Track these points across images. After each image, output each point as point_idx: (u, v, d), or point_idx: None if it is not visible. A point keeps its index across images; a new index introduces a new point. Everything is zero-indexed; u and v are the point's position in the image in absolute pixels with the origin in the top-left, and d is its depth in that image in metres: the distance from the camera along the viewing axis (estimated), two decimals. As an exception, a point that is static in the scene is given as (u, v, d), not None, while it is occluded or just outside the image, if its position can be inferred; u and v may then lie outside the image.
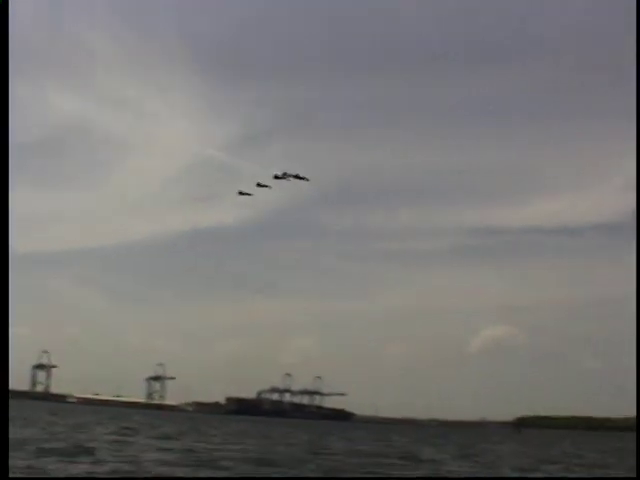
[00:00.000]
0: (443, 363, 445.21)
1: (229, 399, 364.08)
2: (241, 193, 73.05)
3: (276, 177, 69.98)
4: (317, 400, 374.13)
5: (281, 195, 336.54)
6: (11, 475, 25.25)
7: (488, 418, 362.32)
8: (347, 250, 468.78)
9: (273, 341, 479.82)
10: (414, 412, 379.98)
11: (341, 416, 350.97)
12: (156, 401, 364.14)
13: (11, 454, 31.81)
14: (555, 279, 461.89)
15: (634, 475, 43.84)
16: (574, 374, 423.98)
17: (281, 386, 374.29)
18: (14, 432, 60.73)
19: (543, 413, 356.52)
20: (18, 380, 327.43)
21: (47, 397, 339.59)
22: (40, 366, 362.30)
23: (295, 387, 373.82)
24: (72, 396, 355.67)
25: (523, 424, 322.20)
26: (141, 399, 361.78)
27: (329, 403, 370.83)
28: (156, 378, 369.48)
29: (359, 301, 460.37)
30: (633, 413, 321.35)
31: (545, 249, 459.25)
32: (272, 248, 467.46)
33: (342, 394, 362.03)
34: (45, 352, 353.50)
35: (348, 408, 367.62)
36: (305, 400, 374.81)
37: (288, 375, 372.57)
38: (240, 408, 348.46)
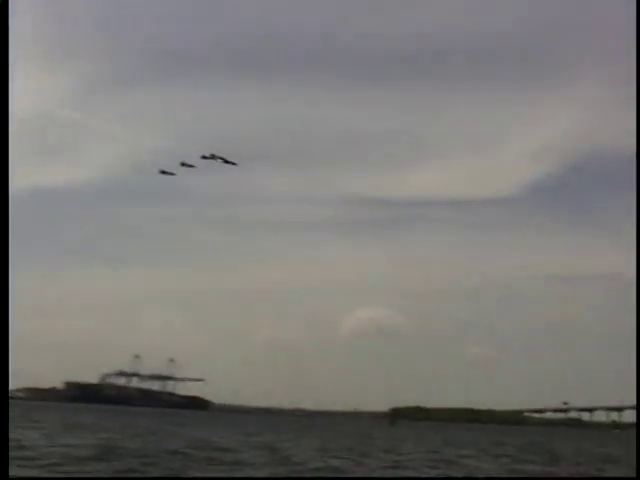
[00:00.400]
0: (315, 346, 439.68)
1: (68, 384, 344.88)
2: (163, 172, 71.78)
3: (203, 157, 69.01)
4: (170, 386, 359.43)
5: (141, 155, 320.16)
6: (11, 475, 26.02)
7: (361, 408, 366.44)
8: (215, 218, 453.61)
9: (122, 319, 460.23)
10: (280, 401, 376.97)
11: (196, 404, 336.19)
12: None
13: None
14: (443, 258, 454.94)
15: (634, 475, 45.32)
16: (459, 363, 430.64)
17: (129, 370, 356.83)
18: None
19: (422, 404, 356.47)
20: None
21: None
22: None
23: (145, 371, 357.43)
24: None
25: (399, 415, 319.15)
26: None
27: (183, 390, 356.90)
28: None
29: (224, 275, 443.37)
30: (520, 405, 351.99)
31: (434, 224, 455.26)
32: (125, 214, 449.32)
33: (199, 380, 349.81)
34: None
35: (206, 395, 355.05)
36: (156, 386, 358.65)
37: (137, 357, 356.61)
38: (81, 394, 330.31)
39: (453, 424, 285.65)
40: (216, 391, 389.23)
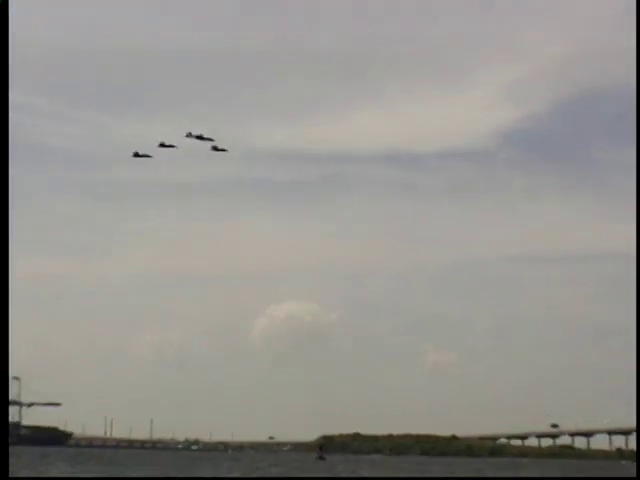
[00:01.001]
0: (217, 359, 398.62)
1: None
2: (137, 155, 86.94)
3: (189, 135, 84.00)
4: (15, 414, 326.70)
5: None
6: (11, 475, 33.76)
7: (280, 438, 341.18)
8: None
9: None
10: (168, 430, 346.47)
11: (50, 438, 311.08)
12: None
13: None
14: (383, 230, 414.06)
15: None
16: (412, 374, 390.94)
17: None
18: None
19: (362, 430, 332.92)
20: None
21: None
22: None
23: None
24: None
25: (331, 446, 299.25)
26: None
27: (34, 418, 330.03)
28: None
29: (91, 261, 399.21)
30: (495, 430, 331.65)
31: (370, 184, 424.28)
32: None
33: (55, 404, 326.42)
34: None
35: (65, 426, 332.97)
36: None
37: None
38: None
39: (405, 457, 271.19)
40: (79, 419, 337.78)
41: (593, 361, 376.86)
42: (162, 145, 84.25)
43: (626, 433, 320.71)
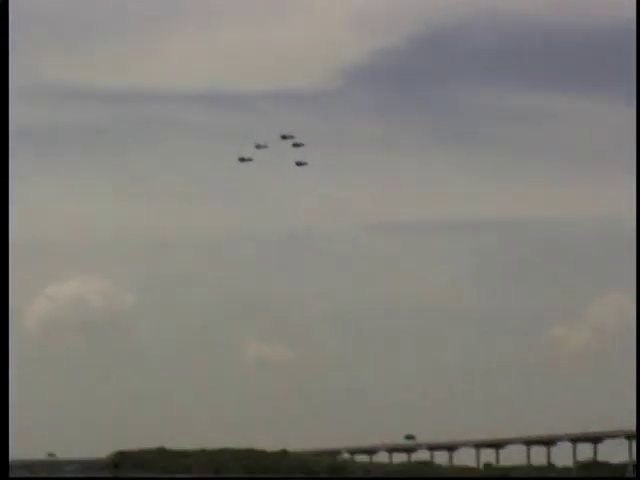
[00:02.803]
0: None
1: None
2: (242, 160, 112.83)
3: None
4: None
5: None
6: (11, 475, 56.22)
7: (62, 455, 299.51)
8: None
9: None
10: None
11: None
12: None
13: None
14: (198, 189, 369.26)
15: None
16: (234, 366, 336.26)
17: None
18: None
19: (169, 444, 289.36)
20: None
21: None
22: None
23: None
24: None
25: (126, 465, 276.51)
26: None
27: None
28: None
29: None
30: (346, 442, 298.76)
31: (181, 131, 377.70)
32: None
33: None
34: None
35: None
36: None
37: None
38: None
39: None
40: None
41: (462, 355, 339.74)
42: None
43: (497, 446, 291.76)
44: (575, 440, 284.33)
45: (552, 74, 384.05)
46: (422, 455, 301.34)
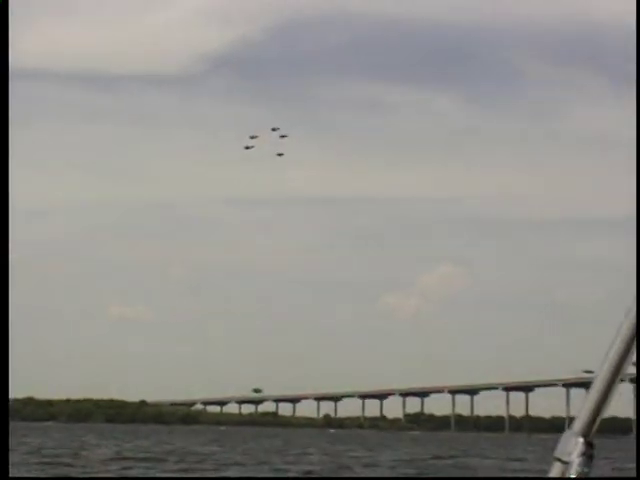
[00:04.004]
0: None
1: None
2: (247, 147, 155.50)
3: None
4: None
5: None
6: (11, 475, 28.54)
7: None
8: None
9: None
10: None
11: None
12: None
13: None
14: (66, 161, 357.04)
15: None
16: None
17: None
18: None
19: (29, 394, 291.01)
20: None
21: None
22: None
23: None
24: None
25: None
26: None
27: None
28: None
29: None
30: (170, 396, 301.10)
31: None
32: None
33: None
34: None
35: None
36: None
37: None
38: None
39: (85, 424, 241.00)
40: None
41: (308, 319, 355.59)
42: None
43: (335, 399, 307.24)
44: (404, 394, 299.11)
45: (393, 67, 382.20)
46: (268, 407, 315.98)
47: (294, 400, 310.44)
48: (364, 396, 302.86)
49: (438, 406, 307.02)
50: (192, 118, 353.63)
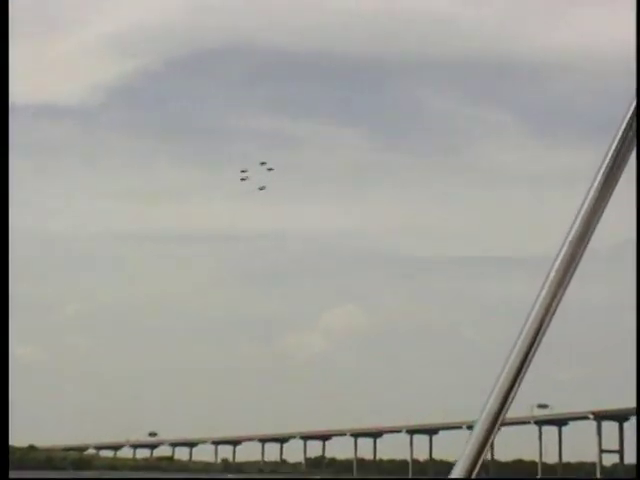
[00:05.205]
0: None
1: None
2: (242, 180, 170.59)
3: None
4: None
5: None
6: (11, 476, 23.91)
7: None
8: None
9: None
10: None
11: None
12: None
13: None
14: None
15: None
16: None
17: None
18: None
19: None
20: None
21: None
22: None
23: None
24: None
25: None
26: None
27: None
28: None
29: None
30: (62, 441, 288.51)
31: None
32: None
33: None
34: None
35: None
36: None
37: None
38: None
39: None
40: None
41: (206, 359, 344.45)
42: None
43: (234, 443, 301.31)
44: (305, 437, 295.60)
45: (297, 100, 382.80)
46: (164, 451, 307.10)
47: (191, 444, 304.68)
48: (263, 440, 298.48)
49: (340, 450, 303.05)
50: (89, 150, 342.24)
